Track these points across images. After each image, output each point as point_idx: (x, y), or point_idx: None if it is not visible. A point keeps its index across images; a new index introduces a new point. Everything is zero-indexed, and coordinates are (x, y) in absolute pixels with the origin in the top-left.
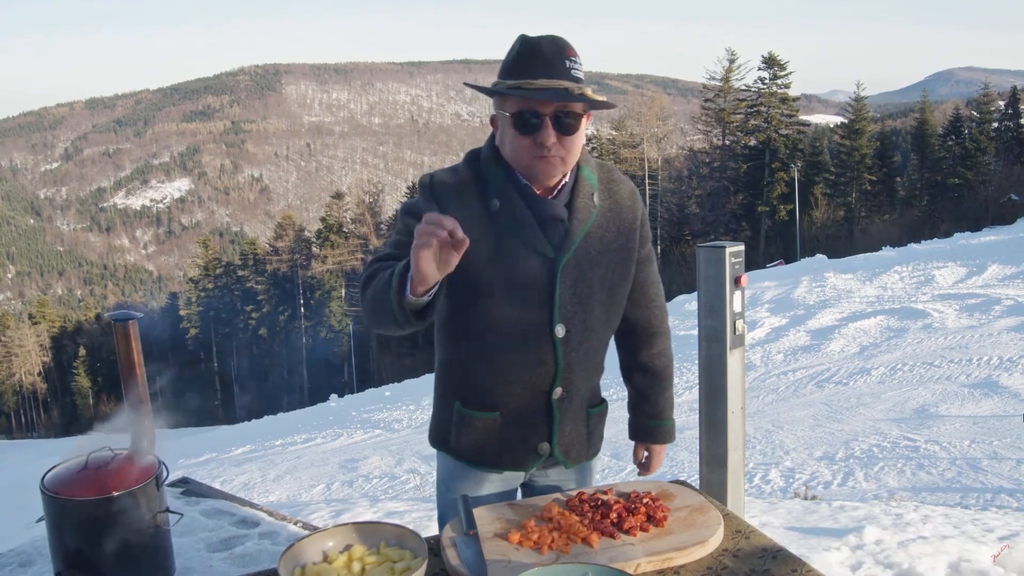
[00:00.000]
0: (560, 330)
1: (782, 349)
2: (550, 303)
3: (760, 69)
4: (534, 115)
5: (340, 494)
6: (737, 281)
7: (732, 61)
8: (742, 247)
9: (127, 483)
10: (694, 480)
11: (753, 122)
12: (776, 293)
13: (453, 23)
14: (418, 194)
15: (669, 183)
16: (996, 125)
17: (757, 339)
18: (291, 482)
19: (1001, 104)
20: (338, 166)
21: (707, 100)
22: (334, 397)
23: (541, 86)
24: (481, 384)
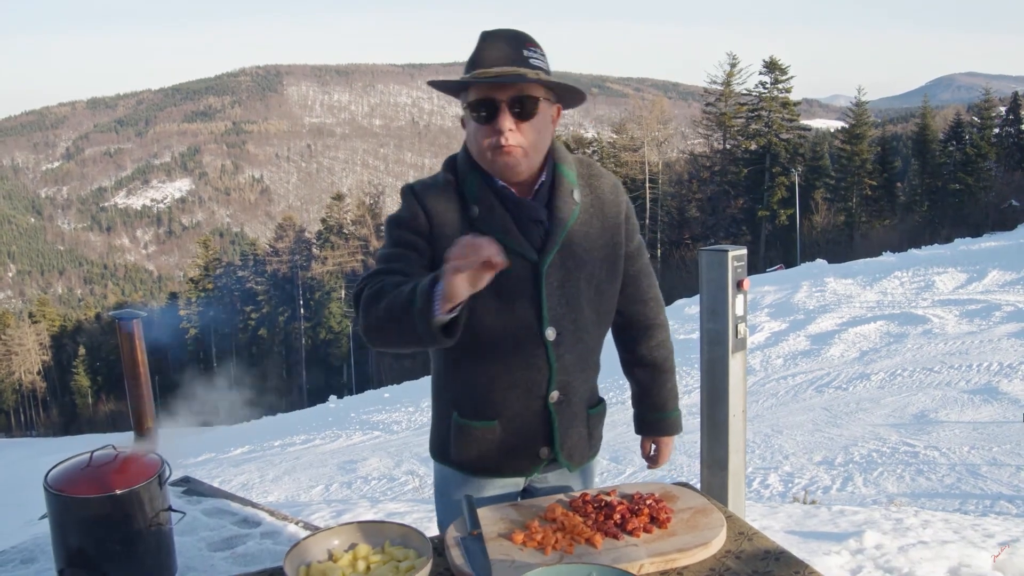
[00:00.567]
0: (551, 333)
1: (782, 354)
2: (537, 306)
3: (761, 73)
4: (491, 103)
5: (339, 495)
6: (739, 285)
7: (733, 65)
8: (744, 251)
9: (130, 481)
10: (694, 483)
11: (754, 126)
12: (776, 298)
13: (455, 25)
14: (402, 204)
15: (669, 187)
16: (997, 131)
17: (757, 343)
18: (290, 483)
19: (1002, 110)
20: (339, 167)
21: (708, 104)
22: (333, 398)
23: (495, 72)
24: (476, 393)
